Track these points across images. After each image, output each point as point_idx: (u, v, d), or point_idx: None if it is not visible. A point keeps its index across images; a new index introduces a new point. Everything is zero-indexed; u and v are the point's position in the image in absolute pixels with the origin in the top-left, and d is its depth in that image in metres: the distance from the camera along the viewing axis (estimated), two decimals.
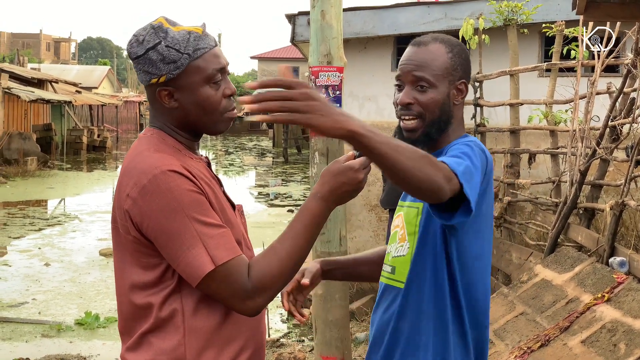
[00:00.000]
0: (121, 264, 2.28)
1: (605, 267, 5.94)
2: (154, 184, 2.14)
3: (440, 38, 2.49)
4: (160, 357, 2.21)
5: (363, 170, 2.26)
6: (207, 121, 2.33)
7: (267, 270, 2.17)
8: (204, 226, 2.13)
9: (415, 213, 2.43)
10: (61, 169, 29.31)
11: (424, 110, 2.42)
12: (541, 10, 9.48)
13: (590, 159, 6.96)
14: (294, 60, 62.31)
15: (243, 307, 2.17)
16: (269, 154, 41.95)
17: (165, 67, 2.24)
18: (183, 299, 2.21)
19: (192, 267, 2.12)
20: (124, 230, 2.22)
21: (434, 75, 2.41)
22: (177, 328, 2.21)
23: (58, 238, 14.93)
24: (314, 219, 2.24)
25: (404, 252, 2.45)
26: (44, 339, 8.40)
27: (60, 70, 58.73)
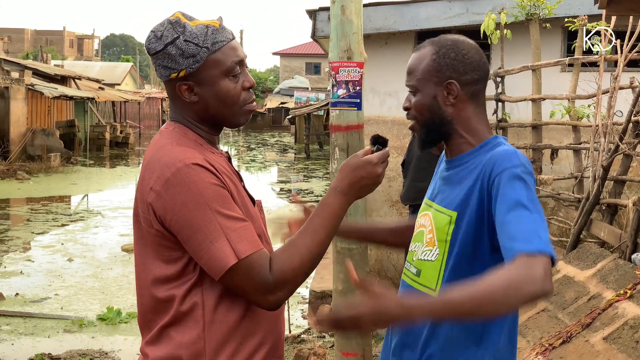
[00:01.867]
0: (143, 258, 2.29)
1: (628, 264, 5.89)
2: (178, 177, 2.13)
3: (436, 40, 2.48)
4: (179, 350, 2.21)
5: (381, 164, 2.28)
6: (227, 114, 2.33)
7: (288, 264, 2.16)
8: (227, 219, 2.13)
9: (446, 221, 2.39)
10: (84, 165, 29.48)
11: (416, 114, 2.46)
12: (563, 5, 9.41)
13: (613, 154, 6.91)
14: (315, 56, 62.34)
15: (264, 301, 2.17)
16: (291, 149, 42.02)
17: (185, 62, 2.24)
18: (204, 292, 2.21)
19: (215, 260, 2.11)
20: (146, 223, 2.22)
21: (417, 80, 2.44)
22: (197, 322, 2.21)
23: (81, 234, 15.02)
24: (334, 213, 2.25)
25: (433, 257, 2.42)
26: (66, 334, 8.44)
27: (83, 67, 59.15)
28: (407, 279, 2.52)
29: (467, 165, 2.43)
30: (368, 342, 5.57)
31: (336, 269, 6.20)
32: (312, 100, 43.35)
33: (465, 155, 2.46)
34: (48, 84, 31.88)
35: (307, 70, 63.77)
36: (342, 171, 2.28)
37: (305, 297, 10.00)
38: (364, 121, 5.89)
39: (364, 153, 2.30)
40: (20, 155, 28.09)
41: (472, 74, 2.44)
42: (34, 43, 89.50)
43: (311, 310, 8.04)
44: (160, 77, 2.32)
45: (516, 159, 2.28)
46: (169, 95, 2.37)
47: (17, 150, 28.24)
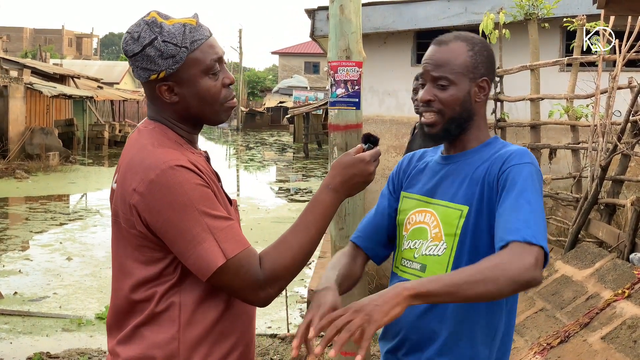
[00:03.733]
0: (121, 259, 2.28)
1: (626, 263, 5.90)
2: (162, 179, 2.12)
3: (463, 36, 2.49)
4: (153, 350, 2.20)
5: (373, 163, 2.30)
6: (208, 112, 2.32)
7: (279, 260, 2.18)
8: (214, 219, 2.13)
9: (457, 215, 2.39)
10: (83, 164, 29.45)
11: (444, 107, 2.43)
12: (562, 5, 9.42)
13: (612, 154, 6.91)
14: (314, 55, 62.35)
15: (255, 298, 2.18)
16: (290, 149, 42.00)
17: (164, 63, 2.21)
18: (182, 293, 2.21)
19: (203, 261, 2.11)
20: (128, 224, 2.20)
21: (454, 73, 2.42)
22: (172, 322, 2.20)
23: (79, 233, 15.02)
24: (325, 210, 2.26)
25: (439, 252, 2.42)
26: (64, 333, 8.44)
27: (82, 65, 59.15)
28: (410, 276, 2.49)
29: (471, 160, 2.46)
30: None
31: None
32: (311, 99, 43.43)
33: (470, 151, 2.49)
34: (47, 82, 31.87)
35: (306, 70, 63.79)
36: (334, 169, 2.29)
37: (303, 296, 10.00)
38: (362, 120, 5.89)
39: (355, 151, 2.31)
40: (18, 154, 28.08)
41: (494, 74, 2.53)
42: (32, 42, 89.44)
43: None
44: (139, 78, 2.29)
45: (528, 157, 2.34)
46: (147, 95, 2.34)
47: (16, 149, 28.23)
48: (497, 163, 2.36)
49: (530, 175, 2.30)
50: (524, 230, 2.17)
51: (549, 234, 8.20)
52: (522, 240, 2.15)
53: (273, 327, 8.83)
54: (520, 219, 2.20)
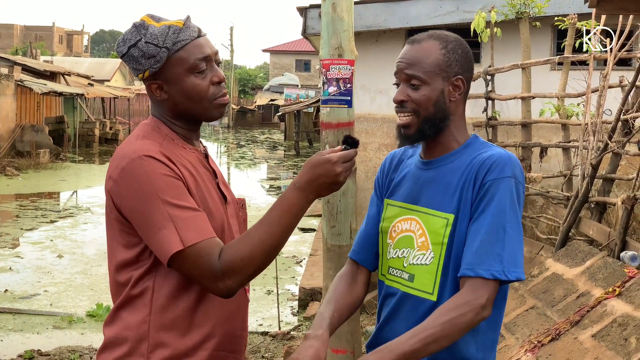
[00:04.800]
0: (110, 242, 2.39)
1: (617, 261, 5.92)
2: (131, 167, 2.23)
3: (436, 35, 2.47)
4: (126, 332, 2.29)
5: (342, 165, 2.27)
6: (197, 109, 2.42)
7: (237, 253, 2.21)
8: (176, 209, 2.21)
9: (442, 224, 2.38)
10: (73, 162, 29.40)
11: (417, 107, 2.42)
12: (553, 3, 9.43)
13: (603, 152, 6.93)
14: (305, 53, 62.32)
15: (214, 288, 2.23)
16: (281, 146, 41.98)
17: (147, 62, 2.35)
18: (157, 278, 2.29)
19: (162, 247, 2.19)
20: (109, 209, 2.33)
21: (425, 73, 2.40)
22: (145, 305, 2.29)
23: (70, 230, 15.00)
24: (290, 208, 2.28)
25: (427, 261, 2.41)
26: (55, 331, 8.44)
27: (73, 63, 58.94)
28: (399, 286, 2.48)
29: (452, 166, 2.44)
30: (358, 339, 5.58)
31: (326, 266, 6.21)
32: (302, 97, 43.38)
33: (450, 155, 2.46)
34: (37, 80, 31.78)
35: (297, 68, 63.76)
36: (303, 167, 2.31)
37: (295, 294, 10.00)
38: (354, 119, 5.89)
39: (329, 152, 2.30)
40: (9, 152, 28.01)
41: (470, 72, 2.49)
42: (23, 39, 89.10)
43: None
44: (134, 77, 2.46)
45: (510, 167, 2.33)
46: (147, 93, 2.46)
47: (6, 146, 28.14)
48: (480, 171, 2.34)
49: (510, 193, 2.30)
50: (486, 264, 2.25)
51: (539, 232, 8.22)
52: (474, 276, 2.25)
53: (264, 325, 8.84)
54: (482, 248, 2.27)
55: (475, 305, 2.22)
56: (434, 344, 2.20)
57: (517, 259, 2.28)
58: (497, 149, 2.41)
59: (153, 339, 2.27)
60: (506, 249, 2.27)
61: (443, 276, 2.38)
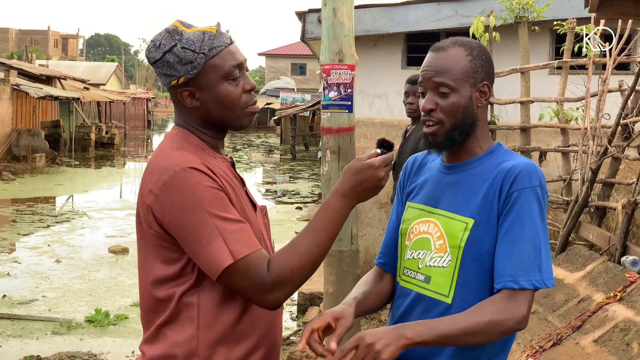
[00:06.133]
0: (144, 258, 2.34)
1: (617, 266, 5.92)
2: (175, 180, 2.19)
3: (460, 41, 2.47)
4: (174, 349, 2.26)
5: (384, 168, 2.30)
6: (229, 117, 2.38)
7: (286, 264, 2.20)
8: (224, 221, 2.18)
9: (461, 228, 2.39)
10: (69, 166, 29.35)
11: (444, 116, 2.41)
12: (552, 8, 9.44)
13: (602, 157, 6.93)
14: (301, 57, 62.30)
15: (263, 301, 2.20)
16: (277, 150, 41.97)
17: (183, 68, 2.29)
18: (201, 293, 2.26)
19: (212, 261, 2.16)
20: (146, 225, 2.27)
21: (454, 80, 2.40)
22: (192, 321, 2.26)
23: (67, 235, 14.96)
24: (334, 216, 2.28)
25: (444, 263, 2.41)
26: (54, 336, 8.41)
27: (68, 66, 58.94)
28: (414, 287, 2.49)
29: (475, 171, 2.45)
30: None
31: (326, 272, 6.21)
32: (298, 101, 43.36)
33: (473, 160, 2.47)
34: (33, 84, 31.72)
35: (293, 71, 63.73)
36: (344, 174, 2.31)
37: (294, 299, 9.99)
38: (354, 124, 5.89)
39: (367, 156, 2.32)
40: (5, 156, 27.96)
41: (493, 77, 2.50)
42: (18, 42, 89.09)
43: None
44: (163, 84, 2.38)
45: (536, 177, 2.34)
46: (172, 101, 2.42)
47: (2, 150, 28.09)
48: (506, 180, 2.35)
49: (538, 202, 2.32)
50: (523, 275, 2.27)
51: None
52: (518, 288, 2.26)
53: None
54: (522, 259, 2.29)
55: (518, 316, 2.26)
56: (471, 337, 2.23)
57: (550, 266, 2.32)
58: (521, 158, 2.43)
59: (203, 354, 2.24)
60: (543, 259, 2.29)
61: (460, 279, 2.38)
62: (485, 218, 2.36)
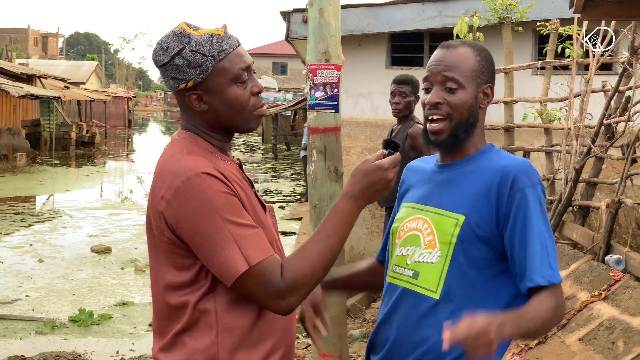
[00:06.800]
0: (156, 265, 2.32)
1: (602, 265, 5.97)
2: (188, 186, 2.17)
3: (468, 42, 2.52)
4: (194, 356, 2.23)
5: (393, 169, 2.32)
6: (238, 120, 2.36)
7: (299, 269, 2.19)
8: (237, 227, 2.16)
9: (452, 223, 2.41)
10: (50, 165, 29.19)
11: (452, 111, 2.45)
12: (535, 8, 9.49)
13: (586, 156, 6.99)
14: (282, 56, 62.27)
15: (277, 307, 2.20)
16: (258, 150, 41.93)
17: (192, 72, 2.26)
18: (216, 298, 2.24)
19: (226, 268, 2.15)
20: (158, 231, 2.25)
21: (463, 77, 2.44)
22: (210, 327, 2.23)
23: (49, 234, 14.87)
24: (345, 218, 2.28)
25: (433, 259, 2.43)
26: (38, 336, 8.37)
27: (48, 65, 58.68)
28: (402, 282, 2.51)
29: (468, 169, 2.48)
30: (345, 343, 5.58)
31: None
32: (280, 100, 43.37)
33: (467, 159, 2.50)
34: (14, 82, 31.51)
35: (274, 71, 63.68)
36: (353, 176, 2.32)
37: None
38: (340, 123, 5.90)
39: (375, 158, 2.33)
40: None
41: (494, 82, 2.54)
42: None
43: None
44: (169, 88, 2.34)
45: (535, 175, 2.39)
46: (179, 104, 2.39)
47: None
48: (504, 180, 2.37)
49: (539, 199, 2.36)
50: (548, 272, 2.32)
51: None
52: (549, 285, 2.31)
53: None
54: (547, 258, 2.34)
55: (563, 310, 2.36)
56: (541, 332, 2.37)
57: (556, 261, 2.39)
58: (515, 157, 2.47)
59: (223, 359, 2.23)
60: (551, 255, 2.35)
61: (449, 275, 2.40)
62: (478, 215, 2.38)
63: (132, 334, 8.55)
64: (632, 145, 6.21)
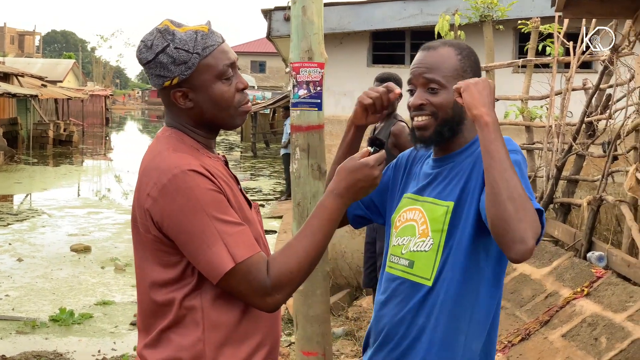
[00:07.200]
0: (141, 262, 2.31)
1: (584, 262, 6.00)
2: (174, 183, 2.16)
3: (450, 42, 2.55)
4: (180, 353, 2.23)
5: (378, 167, 2.31)
6: (223, 117, 2.35)
7: (285, 267, 2.19)
8: (224, 224, 2.15)
9: (443, 211, 2.45)
10: (28, 164, 29.01)
11: (437, 110, 2.48)
12: (516, 7, 9.55)
13: (567, 154, 7.03)
14: (261, 54, 62.24)
15: (262, 304, 2.20)
16: (237, 148, 41.84)
17: (177, 69, 2.25)
18: (202, 295, 2.23)
19: (212, 265, 2.14)
20: (144, 229, 2.24)
21: (445, 77, 2.47)
22: (196, 324, 2.23)
23: (28, 233, 14.78)
24: (331, 216, 2.28)
25: (427, 247, 2.47)
26: (19, 336, 8.32)
27: (25, 63, 58.17)
28: (398, 272, 2.55)
29: (459, 159, 2.51)
30: (328, 341, 5.59)
31: None
32: (259, 98, 43.26)
33: (456, 153, 2.54)
34: None
35: (253, 69, 63.60)
36: (339, 174, 2.31)
37: None
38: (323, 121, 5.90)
39: (360, 156, 2.33)
40: None
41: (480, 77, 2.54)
42: None
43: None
44: (154, 85, 2.33)
45: (513, 144, 2.42)
46: (163, 102, 2.38)
47: None
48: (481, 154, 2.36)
49: (517, 163, 2.33)
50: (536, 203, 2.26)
51: None
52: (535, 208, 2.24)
53: None
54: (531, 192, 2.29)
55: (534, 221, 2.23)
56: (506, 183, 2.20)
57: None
58: None
59: (209, 356, 2.22)
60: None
61: (441, 263, 2.44)
62: (465, 197, 2.42)
63: (114, 333, 8.52)
64: (614, 143, 6.25)
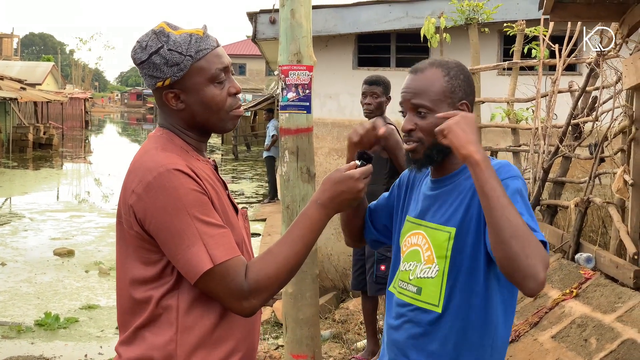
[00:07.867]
0: (123, 258, 2.33)
1: (572, 263, 6.03)
2: (159, 181, 2.18)
3: (438, 62, 2.52)
4: (151, 352, 2.24)
5: (363, 180, 2.34)
6: (214, 120, 2.37)
7: (263, 272, 2.21)
8: (205, 225, 2.17)
9: (445, 237, 2.43)
10: (7, 167, 28.84)
11: (424, 135, 2.46)
12: (501, 10, 9.59)
13: (554, 156, 7.06)
14: (241, 57, 62.12)
15: (238, 307, 2.21)
16: (218, 150, 41.74)
17: (169, 70, 2.28)
18: (180, 296, 2.25)
19: (190, 265, 2.16)
20: (127, 225, 2.26)
21: (432, 101, 2.45)
22: (170, 324, 2.25)
23: (10, 237, 14.68)
24: (313, 225, 2.30)
25: (432, 274, 2.46)
26: (4, 341, 8.26)
27: (3, 66, 57.75)
28: (407, 298, 2.55)
29: (457, 183, 2.50)
30: (318, 343, 5.58)
31: None
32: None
33: (454, 174, 2.52)
34: None
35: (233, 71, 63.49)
36: (324, 184, 2.34)
37: None
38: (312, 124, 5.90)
39: (347, 168, 2.36)
40: None
41: (473, 95, 2.55)
42: None
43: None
44: (148, 86, 2.36)
45: (513, 170, 2.38)
46: (157, 103, 2.41)
47: None
48: None
49: (519, 191, 2.32)
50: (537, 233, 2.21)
51: None
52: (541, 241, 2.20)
53: None
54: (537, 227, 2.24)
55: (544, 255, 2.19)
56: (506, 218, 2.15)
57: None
58: (494, 159, 2.46)
59: (181, 358, 2.23)
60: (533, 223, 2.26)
61: (448, 289, 2.43)
62: (467, 224, 2.40)
63: (100, 337, 8.48)
64: (600, 145, 6.28)
